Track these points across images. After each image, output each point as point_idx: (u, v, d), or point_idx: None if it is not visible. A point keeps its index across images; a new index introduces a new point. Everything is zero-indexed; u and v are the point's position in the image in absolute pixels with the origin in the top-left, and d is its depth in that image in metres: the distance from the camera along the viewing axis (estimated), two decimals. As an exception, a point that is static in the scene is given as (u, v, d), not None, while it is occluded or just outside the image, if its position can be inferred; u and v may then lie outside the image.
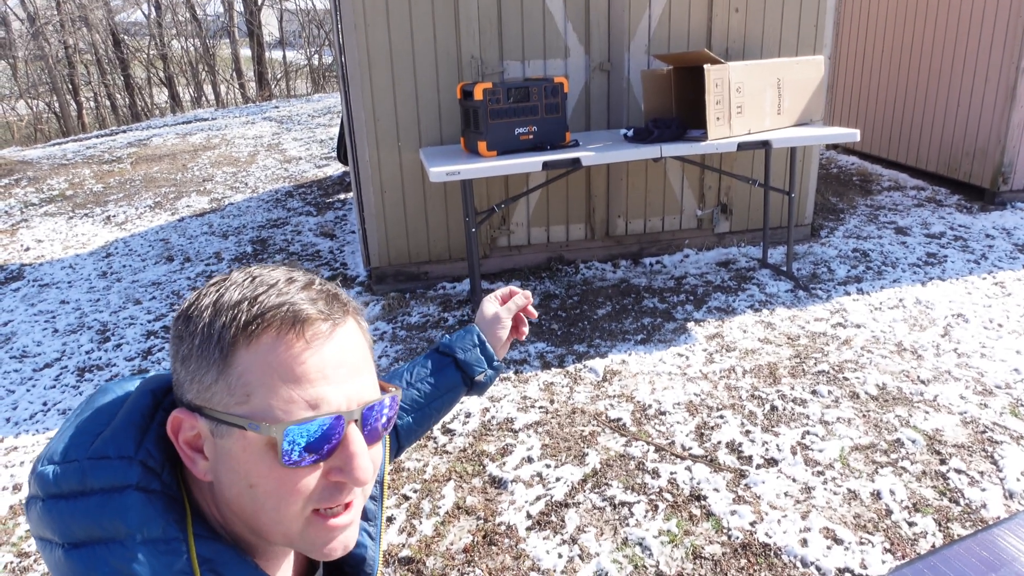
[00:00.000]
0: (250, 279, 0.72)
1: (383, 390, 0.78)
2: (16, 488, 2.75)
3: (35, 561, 2.36)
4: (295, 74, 23.59)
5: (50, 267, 5.34)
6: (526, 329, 1.33)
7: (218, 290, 0.72)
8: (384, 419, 0.76)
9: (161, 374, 0.80)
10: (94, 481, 0.69)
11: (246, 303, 0.69)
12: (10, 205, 7.38)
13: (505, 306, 1.28)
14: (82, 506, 0.69)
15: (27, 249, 5.84)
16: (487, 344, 1.25)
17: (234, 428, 0.68)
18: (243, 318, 0.68)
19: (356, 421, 0.72)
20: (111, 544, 0.67)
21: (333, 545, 0.74)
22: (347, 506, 0.74)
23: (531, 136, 3.48)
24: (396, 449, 1.20)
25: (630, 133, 3.65)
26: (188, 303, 0.72)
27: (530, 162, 3.28)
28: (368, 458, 0.72)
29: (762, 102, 3.64)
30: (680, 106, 3.86)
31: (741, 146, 3.50)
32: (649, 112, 3.85)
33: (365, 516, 0.95)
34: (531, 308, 1.30)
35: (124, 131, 12.82)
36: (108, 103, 21.86)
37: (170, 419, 0.71)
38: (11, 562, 2.37)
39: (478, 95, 3.36)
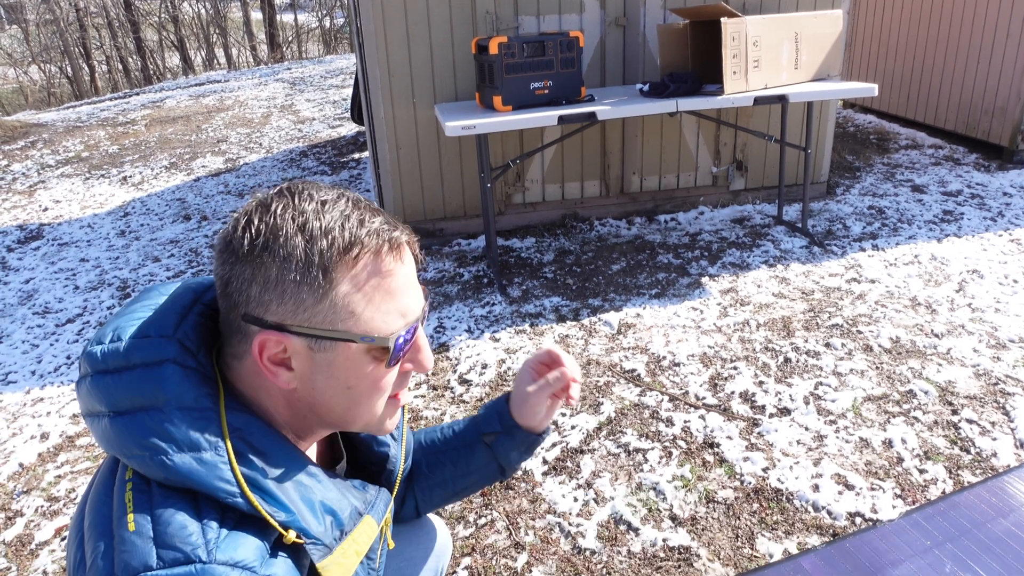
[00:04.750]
0: (321, 204, 0.78)
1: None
2: (44, 436, 2.83)
3: (64, 505, 2.43)
4: (307, 36, 23.43)
5: (68, 226, 5.39)
6: (574, 396, 1.18)
7: (293, 217, 0.77)
8: (428, 313, 0.87)
9: (200, 278, 0.86)
10: (136, 357, 0.77)
11: (338, 229, 0.76)
12: (27, 167, 7.43)
13: (539, 387, 1.15)
14: (126, 379, 0.76)
15: (45, 209, 5.90)
16: (508, 414, 1.19)
17: (338, 342, 0.77)
18: (340, 243, 0.76)
19: (421, 322, 0.84)
20: (151, 411, 0.74)
21: (393, 421, 0.89)
22: None
23: (546, 91, 3.47)
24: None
25: (646, 88, 3.63)
26: (256, 228, 0.76)
27: (545, 116, 3.28)
28: (429, 348, 0.87)
29: (779, 56, 3.61)
30: (696, 61, 3.83)
31: (757, 100, 3.48)
32: (665, 67, 3.82)
33: None
34: (572, 392, 1.15)
35: (137, 94, 12.82)
36: (120, 66, 21.82)
37: (256, 342, 0.77)
38: (41, 506, 2.44)
39: (493, 49, 3.35)
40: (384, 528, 0.99)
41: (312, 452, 0.93)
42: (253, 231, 0.76)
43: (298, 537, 0.75)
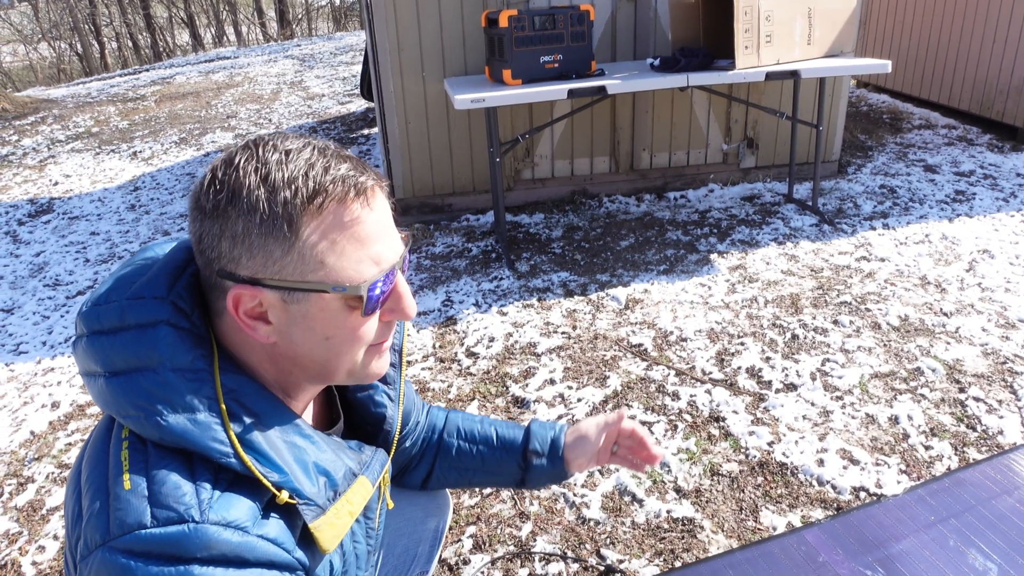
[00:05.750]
0: (284, 154, 0.76)
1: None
2: (55, 406, 2.85)
3: (76, 471, 2.46)
4: (316, 13, 23.32)
5: (79, 200, 5.42)
6: (642, 463, 1.29)
7: (256, 168, 0.75)
8: (407, 261, 0.86)
9: None
10: (131, 318, 0.77)
11: (301, 178, 0.74)
12: (37, 142, 7.45)
13: (615, 457, 1.28)
14: (121, 339, 0.76)
15: (56, 184, 5.92)
16: (561, 448, 1.27)
17: (311, 293, 0.76)
18: (304, 193, 0.74)
19: (400, 269, 0.83)
20: (145, 372, 0.75)
21: (379, 367, 0.87)
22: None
23: (556, 64, 3.45)
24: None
25: (657, 62, 3.60)
26: (220, 181, 0.75)
27: (555, 90, 3.26)
28: (411, 294, 0.84)
29: (792, 31, 3.57)
30: (708, 36, 3.79)
31: (769, 76, 3.45)
32: (676, 42, 3.79)
33: (385, 380, 1.02)
34: (651, 451, 1.26)
35: (147, 70, 12.81)
36: (130, 43, 21.80)
37: (230, 297, 0.76)
38: (52, 472, 2.47)
39: (503, 22, 3.32)
40: (382, 488, 0.99)
41: (308, 414, 0.93)
42: (217, 185, 0.75)
43: (291, 498, 0.76)
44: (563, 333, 3.01)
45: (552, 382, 2.68)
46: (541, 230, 4.11)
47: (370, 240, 0.78)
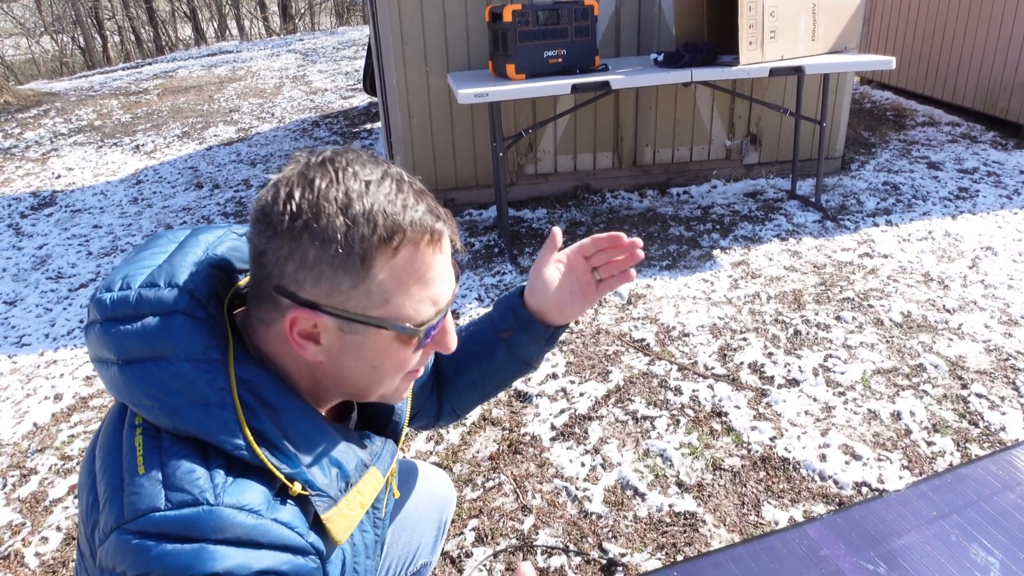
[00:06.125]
0: (365, 184, 0.75)
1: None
2: (58, 398, 2.86)
3: (77, 464, 2.47)
4: (319, 8, 23.30)
5: (81, 193, 5.42)
6: (618, 281, 1.08)
7: (335, 197, 0.73)
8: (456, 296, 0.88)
9: (210, 226, 0.85)
10: (145, 306, 0.76)
11: (381, 215, 0.74)
12: (40, 135, 7.45)
13: (542, 260, 1.10)
14: (135, 328, 0.76)
15: (58, 177, 5.92)
16: (522, 308, 1.12)
17: (371, 327, 0.78)
18: (383, 232, 0.74)
19: (449, 305, 0.84)
20: (159, 361, 0.75)
21: (407, 392, 0.91)
22: None
23: (560, 59, 3.44)
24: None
25: (660, 58, 3.60)
26: (298, 205, 0.73)
27: (559, 84, 3.26)
28: (455, 330, 0.88)
29: (796, 27, 3.56)
30: (712, 31, 3.79)
31: (773, 71, 3.45)
32: (680, 37, 3.78)
33: None
34: (626, 241, 1.05)
35: (150, 64, 12.80)
36: (132, 37, 21.78)
37: (289, 317, 0.76)
38: (55, 464, 2.48)
39: (507, 17, 3.32)
40: (390, 479, 1.00)
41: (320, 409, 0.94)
42: (294, 207, 0.73)
43: (303, 489, 0.76)
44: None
45: (554, 376, 2.68)
46: (544, 225, 4.11)
47: (434, 282, 0.79)
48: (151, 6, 20.71)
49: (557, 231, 1.10)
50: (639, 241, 1.05)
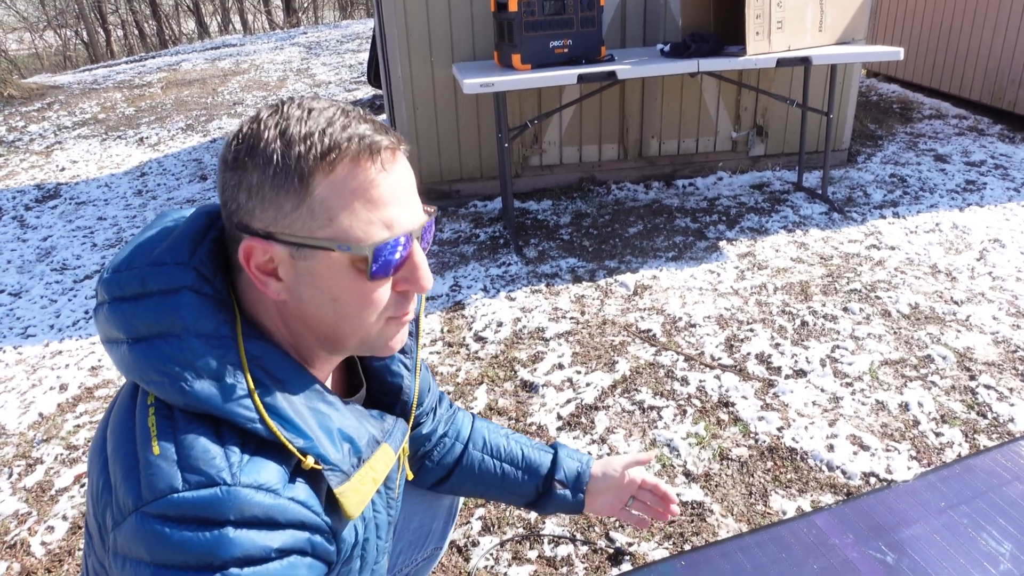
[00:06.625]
0: (307, 111, 0.76)
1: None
2: (63, 388, 2.86)
3: (82, 454, 2.47)
4: (322, 1, 23.26)
5: (86, 186, 5.42)
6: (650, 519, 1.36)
7: (276, 123, 0.75)
8: (430, 234, 0.85)
9: (214, 202, 0.85)
10: (152, 284, 0.76)
11: (317, 134, 0.74)
12: (44, 128, 7.45)
13: (633, 519, 1.33)
14: (143, 306, 0.76)
15: (63, 169, 5.92)
16: (584, 487, 1.29)
17: (318, 250, 0.75)
18: (318, 148, 0.73)
19: (417, 238, 0.80)
20: (169, 338, 0.74)
21: (396, 341, 0.85)
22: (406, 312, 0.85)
23: (566, 49, 3.42)
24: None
25: (667, 48, 3.58)
26: (243, 135, 0.76)
27: (565, 75, 3.24)
28: (428, 267, 0.82)
29: (803, 18, 3.54)
30: (719, 22, 3.77)
31: (780, 62, 3.43)
32: (687, 28, 3.76)
33: (402, 350, 1.01)
34: (670, 505, 1.32)
35: (153, 57, 12.80)
36: (136, 31, 21.78)
37: (241, 249, 0.76)
38: (61, 454, 2.48)
39: (513, 7, 3.30)
40: (402, 457, 0.99)
41: (329, 382, 0.93)
42: (240, 138, 0.76)
43: (316, 463, 0.76)
44: (571, 318, 3.00)
45: (560, 367, 2.68)
46: (549, 216, 4.10)
47: (383, 203, 0.76)
48: (154, 0, 20.70)
49: (651, 456, 1.35)
50: (677, 511, 1.32)
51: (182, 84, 9.22)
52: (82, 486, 2.30)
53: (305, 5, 22.52)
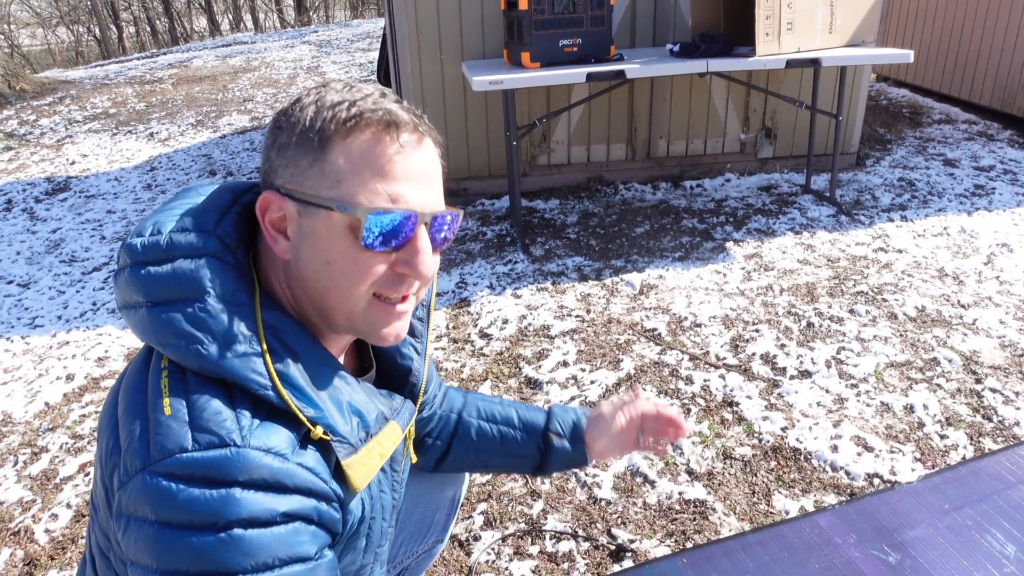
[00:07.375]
0: (348, 87, 0.80)
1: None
2: (69, 378, 2.87)
3: (88, 443, 2.48)
4: (333, 0, 23.32)
5: (96, 180, 5.44)
6: (665, 447, 1.29)
7: (319, 93, 0.80)
8: (446, 231, 0.84)
9: (239, 180, 0.86)
10: (176, 250, 0.78)
11: (346, 104, 0.78)
12: (55, 122, 7.49)
13: (619, 404, 1.26)
14: (165, 270, 0.77)
15: (73, 163, 5.95)
16: (582, 430, 1.26)
17: (321, 209, 0.77)
18: (343, 115, 0.77)
19: (426, 224, 0.81)
20: (188, 302, 0.76)
21: (388, 330, 0.84)
22: (404, 298, 0.84)
23: (575, 48, 3.43)
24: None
25: (676, 48, 3.58)
26: (291, 103, 0.81)
27: (574, 73, 3.24)
28: (431, 256, 0.81)
29: (813, 19, 3.54)
30: (728, 22, 3.76)
31: (790, 63, 3.42)
32: (696, 28, 3.76)
33: (412, 333, 1.02)
34: (680, 426, 1.25)
35: (164, 54, 12.85)
36: (148, 28, 21.86)
37: (260, 198, 0.80)
38: (66, 443, 2.49)
39: (523, 5, 3.31)
40: (408, 438, 1.00)
41: (341, 359, 0.94)
42: (288, 104, 0.82)
43: (325, 434, 0.76)
44: (577, 316, 3.00)
45: (565, 364, 2.68)
46: (556, 216, 4.10)
47: (394, 178, 0.78)
48: (167, -3, 20.79)
49: (639, 390, 1.29)
50: (687, 430, 1.25)
51: (193, 80, 9.26)
52: (87, 474, 2.31)
53: (316, 4, 22.58)
